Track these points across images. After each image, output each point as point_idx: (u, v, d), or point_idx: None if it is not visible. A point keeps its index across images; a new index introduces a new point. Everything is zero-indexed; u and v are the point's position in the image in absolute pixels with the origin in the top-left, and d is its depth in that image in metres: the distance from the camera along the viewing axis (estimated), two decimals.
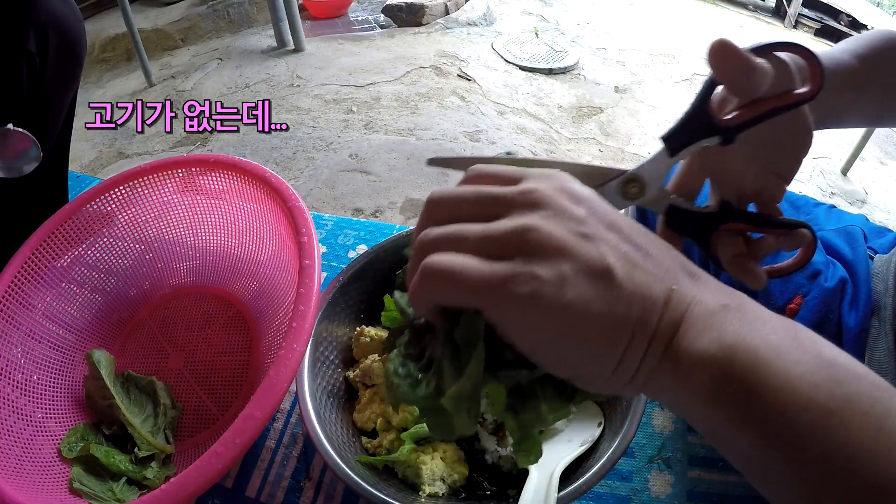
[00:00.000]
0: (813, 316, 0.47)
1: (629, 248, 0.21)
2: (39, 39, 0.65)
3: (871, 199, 2.00)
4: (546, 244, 0.20)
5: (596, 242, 0.20)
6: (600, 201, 0.22)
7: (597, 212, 0.21)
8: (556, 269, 0.19)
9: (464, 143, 1.98)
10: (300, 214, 0.56)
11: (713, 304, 0.22)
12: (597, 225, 0.21)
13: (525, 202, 0.21)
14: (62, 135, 0.80)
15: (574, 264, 0.19)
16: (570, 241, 0.20)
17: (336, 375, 0.56)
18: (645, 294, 0.20)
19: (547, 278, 0.19)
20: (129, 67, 2.61)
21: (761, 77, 0.27)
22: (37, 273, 0.62)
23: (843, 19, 3.53)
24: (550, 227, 0.20)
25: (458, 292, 0.20)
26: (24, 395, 0.56)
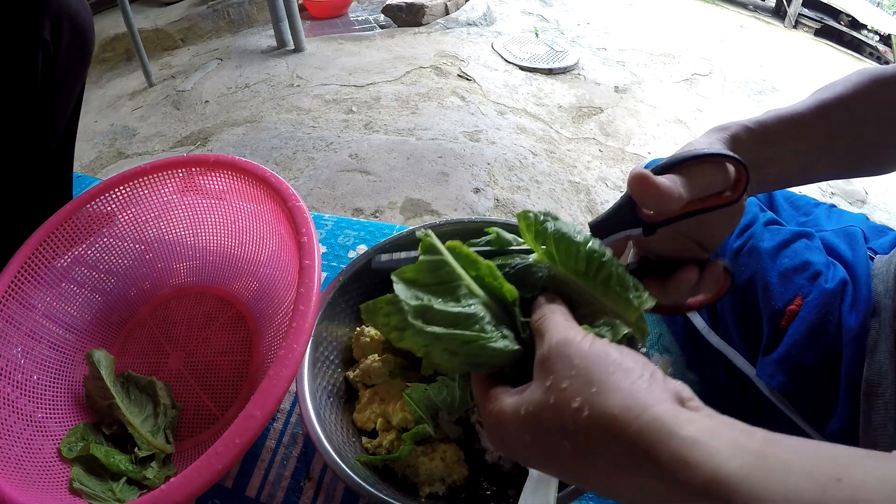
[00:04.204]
0: (813, 317, 0.47)
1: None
2: (53, 28, 0.66)
3: (871, 199, 2.00)
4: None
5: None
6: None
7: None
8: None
9: (464, 143, 1.98)
10: (300, 214, 0.56)
11: None
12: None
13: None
14: (68, 130, 0.80)
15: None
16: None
17: (336, 375, 0.56)
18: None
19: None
20: (129, 67, 2.61)
21: (673, 201, 0.31)
22: (37, 273, 0.62)
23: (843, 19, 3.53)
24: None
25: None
26: (24, 395, 0.56)
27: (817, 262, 0.50)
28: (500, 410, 0.28)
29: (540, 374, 0.27)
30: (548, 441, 0.25)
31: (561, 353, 0.26)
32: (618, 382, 0.24)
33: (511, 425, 0.27)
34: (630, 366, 0.25)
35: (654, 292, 0.34)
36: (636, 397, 0.23)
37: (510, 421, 0.27)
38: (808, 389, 0.47)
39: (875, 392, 0.43)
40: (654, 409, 0.22)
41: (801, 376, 0.46)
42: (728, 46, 3.08)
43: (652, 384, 0.24)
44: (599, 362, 0.25)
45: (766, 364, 0.49)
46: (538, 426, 0.26)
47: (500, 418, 0.28)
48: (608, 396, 0.23)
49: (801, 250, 0.51)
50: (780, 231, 0.54)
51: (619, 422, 0.22)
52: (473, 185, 1.78)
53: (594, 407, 0.23)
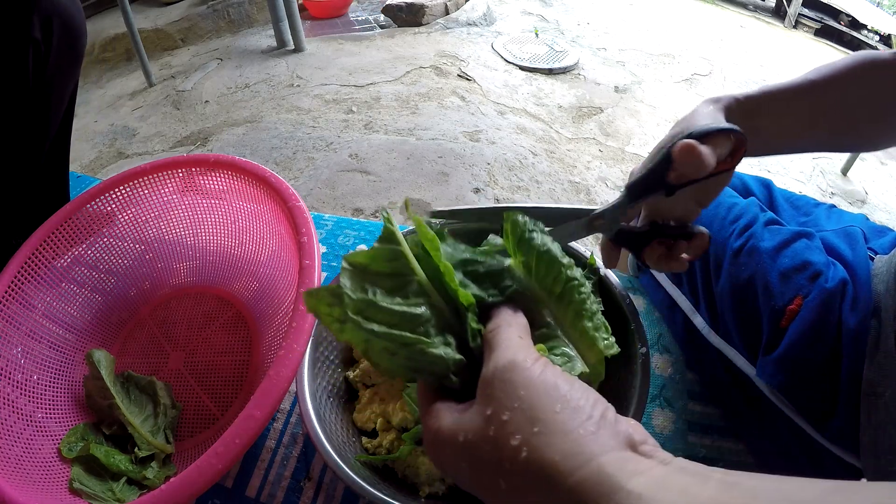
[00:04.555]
0: (813, 316, 0.47)
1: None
2: (44, 27, 0.66)
3: (871, 199, 2.00)
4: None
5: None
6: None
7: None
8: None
9: (464, 143, 1.98)
10: (300, 214, 0.56)
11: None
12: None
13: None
14: (62, 130, 0.80)
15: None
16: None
17: (336, 375, 0.56)
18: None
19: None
20: (129, 67, 2.61)
21: (709, 167, 0.36)
22: (37, 273, 0.62)
23: (843, 19, 3.53)
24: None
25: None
26: (24, 395, 0.56)
27: (817, 261, 0.50)
28: (438, 430, 0.26)
29: (482, 399, 0.25)
30: (484, 476, 0.23)
31: (505, 379, 0.24)
32: (563, 424, 0.22)
33: (448, 448, 0.25)
34: (579, 403, 0.22)
35: (653, 259, 0.42)
36: (581, 444, 0.21)
37: (447, 444, 0.25)
38: (809, 389, 0.47)
39: (875, 392, 0.43)
40: (599, 459, 0.20)
41: (802, 376, 0.47)
42: (728, 46, 3.08)
43: (601, 428, 0.22)
44: (546, 396, 0.23)
45: (766, 364, 0.49)
46: (475, 457, 0.23)
47: (437, 438, 0.26)
48: (550, 439, 0.21)
49: (801, 250, 0.51)
50: (780, 231, 0.54)
51: (559, 471, 0.20)
52: (473, 185, 1.78)
53: (533, 450, 0.21)
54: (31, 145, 0.75)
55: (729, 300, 0.54)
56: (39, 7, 0.65)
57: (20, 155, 0.74)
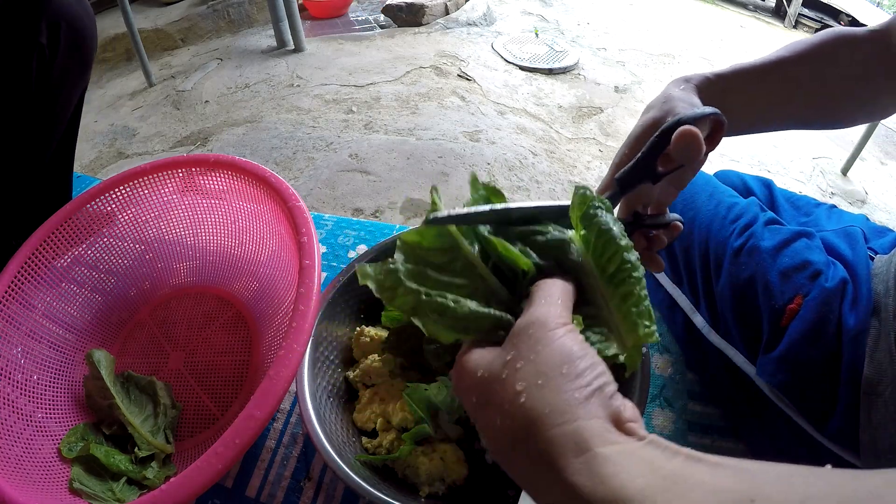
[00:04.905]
0: (813, 316, 0.47)
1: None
2: (51, 33, 0.65)
3: (871, 199, 2.00)
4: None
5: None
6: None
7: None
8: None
9: (464, 143, 1.98)
10: (300, 214, 0.56)
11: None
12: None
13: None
14: (68, 133, 0.80)
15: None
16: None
17: (336, 375, 0.56)
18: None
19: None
20: (129, 67, 2.61)
21: (703, 153, 0.36)
22: (37, 273, 0.62)
23: (843, 19, 3.53)
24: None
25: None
26: (24, 395, 0.56)
27: (817, 261, 0.50)
28: (465, 360, 0.29)
29: (507, 345, 0.28)
30: (487, 410, 0.26)
31: (530, 334, 0.27)
32: (561, 384, 0.24)
33: (467, 379, 0.28)
34: (583, 371, 0.25)
35: (643, 245, 0.42)
36: (570, 404, 0.23)
37: (467, 374, 0.28)
38: (809, 388, 0.47)
39: (875, 391, 0.43)
40: (580, 422, 0.22)
41: (802, 375, 0.47)
42: (728, 46, 3.08)
43: (593, 396, 0.24)
44: (557, 357, 0.25)
45: (766, 363, 0.49)
46: (484, 393, 0.26)
47: (462, 367, 0.29)
48: (546, 393, 0.24)
49: (801, 249, 0.51)
50: (780, 230, 0.54)
51: (543, 421, 0.23)
52: None
53: (530, 398, 0.24)
54: (34, 149, 0.74)
55: (729, 299, 0.54)
56: (48, 12, 0.64)
57: (23, 158, 0.74)
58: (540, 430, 0.23)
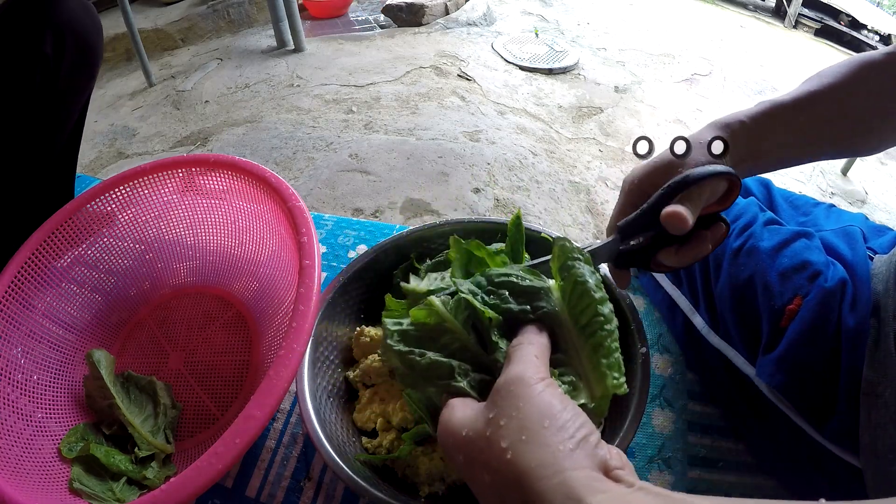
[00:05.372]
0: (813, 316, 0.47)
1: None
2: (56, 42, 0.65)
3: (871, 199, 2.00)
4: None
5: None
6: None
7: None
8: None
9: (464, 143, 1.98)
10: (300, 214, 0.56)
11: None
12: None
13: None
14: (71, 139, 0.79)
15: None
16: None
17: (336, 375, 0.56)
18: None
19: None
20: (129, 67, 2.61)
21: (688, 226, 0.36)
22: (37, 273, 0.62)
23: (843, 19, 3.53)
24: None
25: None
26: (24, 395, 0.56)
27: (817, 261, 0.50)
28: (448, 421, 0.30)
29: (489, 404, 0.29)
30: (474, 468, 0.27)
31: (511, 391, 0.27)
32: (545, 437, 0.24)
33: (451, 439, 0.29)
34: (566, 424, 0.25)
35: (670, 259, 0.41)
36: (556, 457, 0.24)
37: (452, 435, 0.29)
38: (808, 389, 0.47)
39: (875, 391, 0.43)
40: (568, 473, 0.23)
41: (801, 376, 0.47)
42: (728, 46, 3.08)
43: (578, 448, 0.24)
44: (538, 412, 0.26)
45: (765, 363, 0.49)
46: (471, 452, 0.27)
47: (446, 428, 0.30)
48: (531, 448, 0.24)
49: (800, 250, 0.51)
50: (779, 231, 0.54)
51: (531, 476, 0.23)
52: (473, 185, 1.78)
53: (516, 454, 0.24)
54: (37, 155, 0.74)
55: (728, 300, 0.54)
56: (52, 21, 0.63)
57: (27, 164, 0.74)
58: (528, 484, 0.23)
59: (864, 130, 0.47)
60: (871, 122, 0.47)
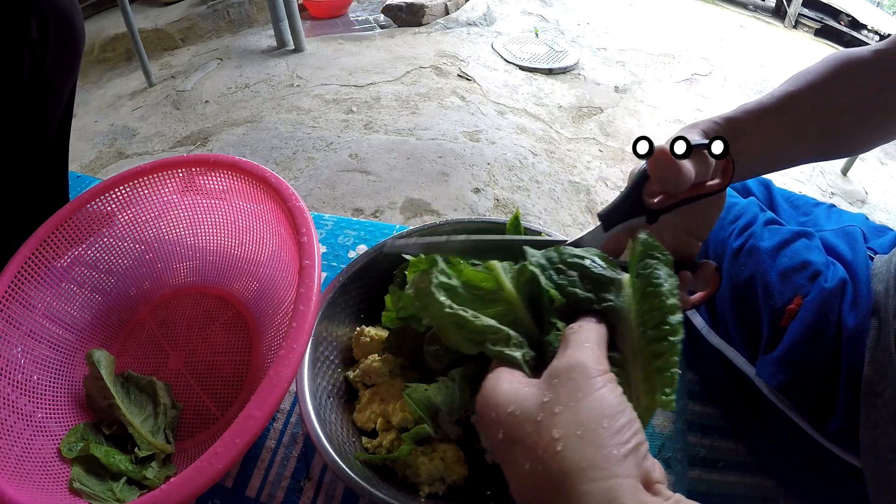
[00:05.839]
0: (813, 316, 0.47)
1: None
2: (41, 27, 0.66)
3: (871, 199, 2.00)
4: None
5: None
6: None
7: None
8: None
9: (464, 143, 1.98)
10: (300, 214, 0.56)
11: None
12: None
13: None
14: (61, 130, 0.80)
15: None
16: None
17: (336, 375, 0.56)
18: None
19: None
20: (129, 67, 2.61)
21: (686, 179, 0.34)
22: (37, 273, 0.62)
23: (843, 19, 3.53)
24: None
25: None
26: (24, 395, 0.56)
27: (817, 261, 0.50)
28: (493, 390, 0.28)
29: (544, 385, 0.27)
30: (513, 451, 0.25)
31: (571, 378, 0.26)
32: (602, 438, 0.24)
33: (495, 412, 0.27)
34: (621, 426, 0.24)
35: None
36: (608, 461, 0.23)
37: (497, 407, 0.27)
38: (808, 389, 0.47)
39: (875, 391, 0.43)
40: (616, 480, 0.22)
41: (801, 376, 0.47)
42: (728, 46, 3.08)
43: (629, 456, 0.24)
44: (598, 409, 0.25)
45: (765, 363, 0.49)
46: (514, 433, 0.26)
47: (491, 398, 0.28)
48: (585, 446, 0.23)
49: (800, 250, 0.51)
50: (779, 231, 0.54)
51: (579, 476, 0.23)
52: (473, 185, 1.78)
53: (568, 448, 0.23)
54: (28, 144, 0.75)
55: (728, 300, 0.54)
56: (36, 7, 0.64)
57: (18, 154, 0.74)
58: (574, 483, 0.22)
59: (848, 128, 0.46)
60: (855, 121, 0.45)
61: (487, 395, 0.28)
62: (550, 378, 0.27)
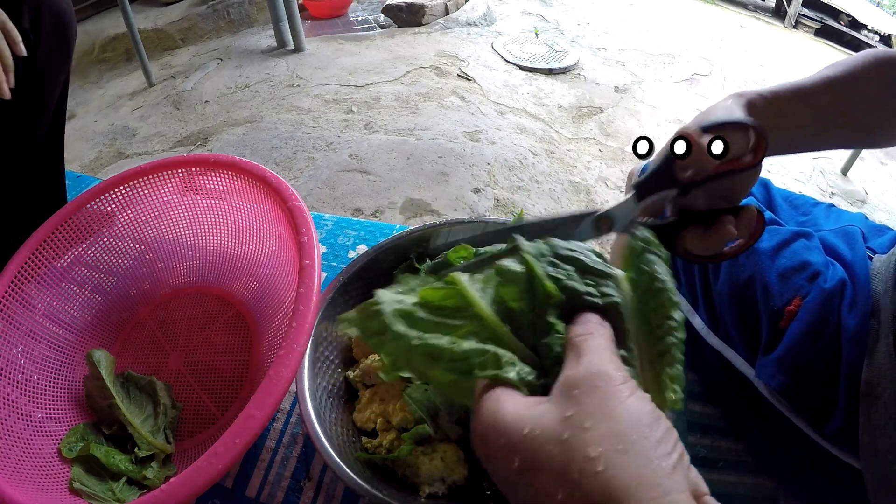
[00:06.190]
0: (812, 317, 0.47)
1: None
2: (33, 18, 0.66)
3: (871, 199, 2.00)
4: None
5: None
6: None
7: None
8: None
9: (464, 143, 1.98)
10: (300, 214, 0.56)
11: None
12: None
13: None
14: (55, 126, 0.80)
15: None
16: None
17: (336, 375, 0.56)
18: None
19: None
20: (129, 67, 2.61)
21: (711, 160, 0.34)
22: (37, 273, 0.62)
23: (843, 19, 3.53)
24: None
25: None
26: (24, 395, 0.56)
27: (816, 262, 0.50)
28: (496, 413, 0.24)
29: (562, 399, 0.23)
30: (538, 479, 0.22)
31: (596, 388, 0.23)
32: (646, 451, 0.21)
33: (503, 437, 0.23)
34: (662, 436, 0.22)
35: (696, 243, 0.38)
36: (660, 476, 0.20)
37: (504, 433, 0.23)
38: (808, 390, 0.47)
39: (874, 392, 0.43)
40: (673, 496, 0.20)
41: (801, 376, 0.47)
42: (728, 46, 3.08)
43: (677, 468, 0.21)
44: (635, 419, 0.22)
45: (765, 364, 0.49)
46: (535, 458, 0.22)
47: (494, 423, 0.24)
48: (631, 461, 0.21)
49: (799, 250, 0.51)
50: (778, 231, 0.54)
51: (630, 497, 0.20)
52: (473, 185, 1.78)
53: (611, 468, 0.20)
54: (23, 137, 0.75)
55: (728, 301, 0.54)
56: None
57: (12, 147, 0.74)
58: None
59: (881, 122, 0.47)
60: (884, 116, 0.47)
61: (489, 419, 0.24)
62: (569, 389, 0.23)
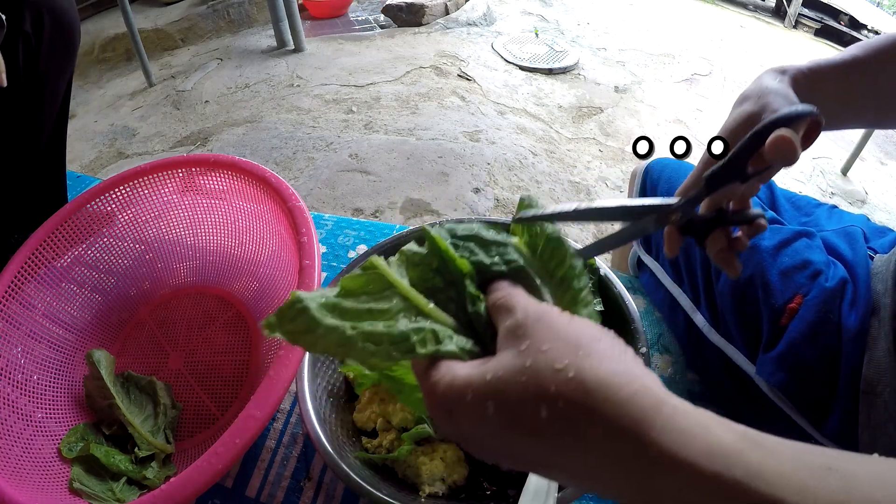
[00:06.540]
0: (813, 315, 0.47)
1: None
2: (35, 20, 0.66)
3: (872, 199, 2.00)
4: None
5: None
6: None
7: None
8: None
9: (464, 143, 1.98)
10: (300, 214, 0.56)
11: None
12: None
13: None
14: (58, 127, 0.80)
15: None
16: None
17: (336, 375, 0.56)
18: None
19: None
20: (129, 67, 2.61)
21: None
22: (37, 273, 0.62)
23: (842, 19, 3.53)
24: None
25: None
26: (24, 395, 0.56)
27: (817, 261, 0.50)
28: (451, 379, 0.24)
29: (511, 341, 0.24)
30: (518, 410, 0.22)
31: (541, 320, 0.24)
32: (605, 350, 0.22)
33: (467, 395, 0.23)
34: (614, 338, 0.23)
35: (720, 245, 0.40)
36: (627, 365, 0.22)
37: (465, 389, 0.23)
38: (808, 387, 0.47)
39: (874, 391, 0.43)
40: (644, 380, 0.21)
41: (801, 374, 0.47)
42: (728, 46, 3.08)
43: (637, 360, 0.23)
44: (585, 332, 0.23)
45: (765, 361, 0.49)
46: (507, 393, 0.22)
47: (450, 388, 0.24)
48: (597, 361, 0.21)
49: (801, 249, 0.51)
50: (780, 230, 0.54)
51: (609, 387, 0.20)
52: (473, 185, 1.78)
53: (581, 369, 0.21)
54: (26, 139, 0.75)
55: (729, 298, 0.54)
56: (29, 1, 0.65)
57: (15, 148, 0.74)
58: (610, 395, 0.20)
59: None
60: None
61: (446, 389, 0.24)
62: (514, 331, 0.24)
